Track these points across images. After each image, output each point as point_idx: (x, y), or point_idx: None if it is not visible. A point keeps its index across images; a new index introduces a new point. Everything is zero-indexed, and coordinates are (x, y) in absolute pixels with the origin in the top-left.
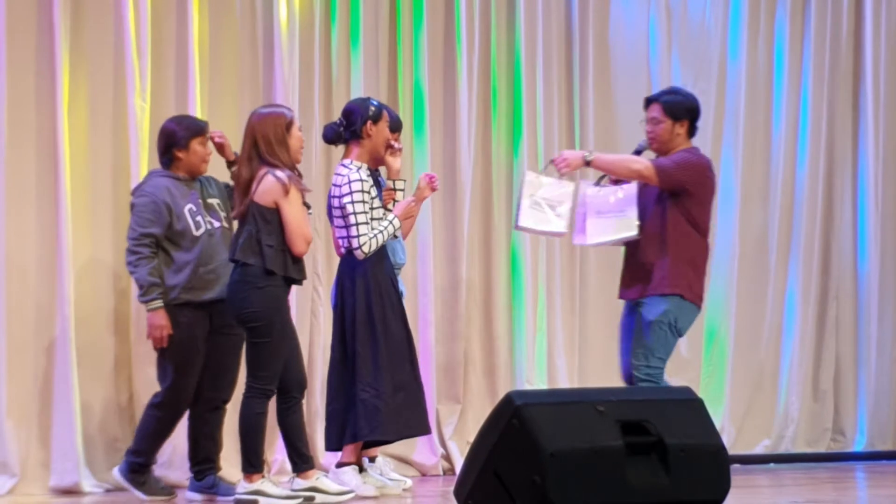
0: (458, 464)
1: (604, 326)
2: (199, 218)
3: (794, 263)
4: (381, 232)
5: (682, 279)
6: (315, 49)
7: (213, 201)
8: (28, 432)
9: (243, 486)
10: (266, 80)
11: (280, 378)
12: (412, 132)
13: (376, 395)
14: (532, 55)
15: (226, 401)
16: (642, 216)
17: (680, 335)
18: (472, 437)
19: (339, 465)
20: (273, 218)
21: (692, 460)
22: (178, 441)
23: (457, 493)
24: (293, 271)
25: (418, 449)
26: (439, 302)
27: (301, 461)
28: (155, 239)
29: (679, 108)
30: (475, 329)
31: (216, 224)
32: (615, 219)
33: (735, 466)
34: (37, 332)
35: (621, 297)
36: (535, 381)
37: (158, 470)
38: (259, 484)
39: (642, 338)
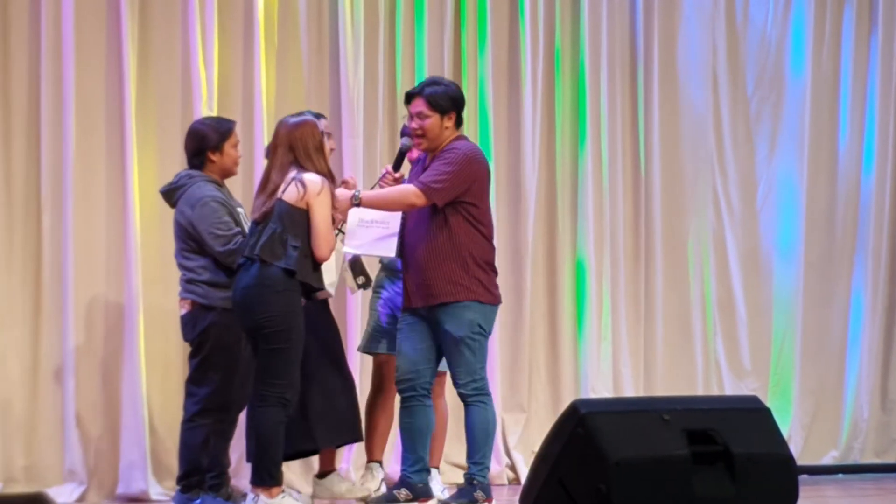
0: (523, 473)
1: (669, 334)
2: (245, 225)
3: (861, 273)
4: None
5: (477, 284)
6: (379, 57)
7: (241, 210)
8: (96, 440)
9: (264, 502)
10: (332, 90)
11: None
12: (477, 139)
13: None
14: (596, 61)
15: (241, 411)
16: (422, 222)
17: (488, 335)
18: (536, 447)
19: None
20: (301, 219)
21: (759, 470)
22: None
23: (522, 502)
24: (312, 279)
25: None
26: (503, 309)
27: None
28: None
29: (445, 100)
30: (539, 337)
31: None
32: (379, 236)
33: (802, 477)
34: (106, 340)
35: (414, 305)
36: (600, 389)
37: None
38: (280, 498)
39: (458, 355)
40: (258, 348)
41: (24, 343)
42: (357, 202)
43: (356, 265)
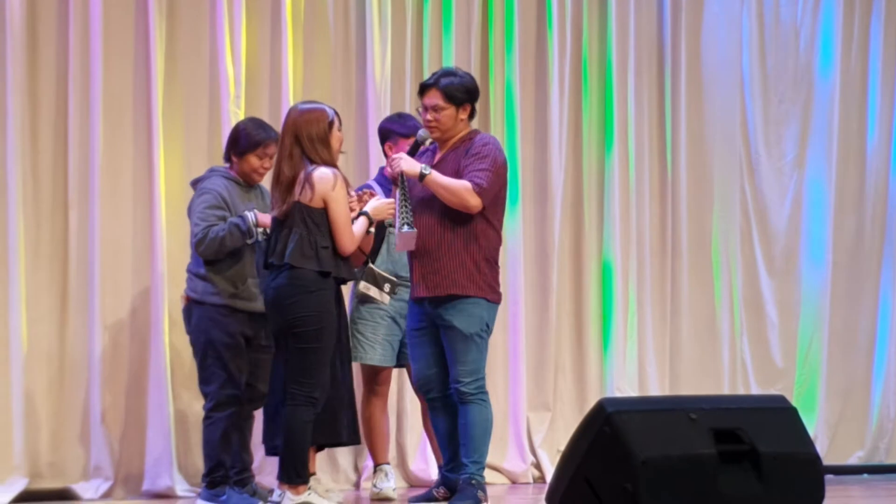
0: (549, 472)
1: (695, 333)
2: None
3: (889, 273)
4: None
5: (486, 281)
6: (406, 57)
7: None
8: (122, 436)
9: (289, 499)
10: (359, 88)
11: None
12: (504, 139)
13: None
14: (623, 61)
15: (257, 409)
16: (435, 210)
17: (490, 334)
18: (562, 445)
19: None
20: (322, 219)
21: (786, 469)
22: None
23: (548, 500)
24: (344, 271)
25: (508, 457)
26: (529, 309)
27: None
28: None
29: (460, 92)
30: (565, 336)
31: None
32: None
33: (828, 477)
34: (131, 336)
35: (418, 294)
36: (626, 388)
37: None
38: (306, 496)
39: (465, 353)
40: (288, 347)
41: (51, 339)
42: (423, 176)
43: (370, 276)
